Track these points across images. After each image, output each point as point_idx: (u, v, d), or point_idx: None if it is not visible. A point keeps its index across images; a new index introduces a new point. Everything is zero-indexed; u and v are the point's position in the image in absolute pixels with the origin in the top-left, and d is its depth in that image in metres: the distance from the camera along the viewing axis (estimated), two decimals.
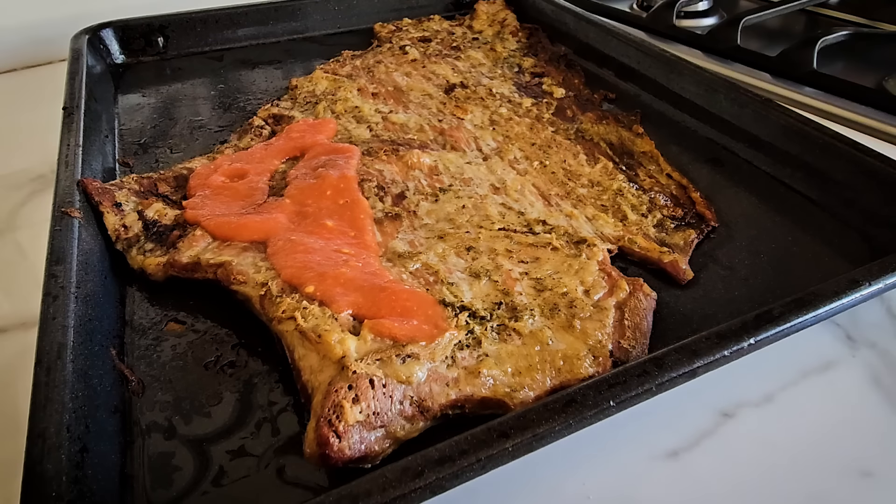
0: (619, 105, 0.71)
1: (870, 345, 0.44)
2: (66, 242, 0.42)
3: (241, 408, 0.37)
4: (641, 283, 0.44)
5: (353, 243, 0.45)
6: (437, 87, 0.71)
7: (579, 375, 0.37)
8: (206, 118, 0.68)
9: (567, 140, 0.62)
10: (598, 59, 0.79)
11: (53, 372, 0.33)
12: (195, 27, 0.82)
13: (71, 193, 0.47)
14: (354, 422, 0.33)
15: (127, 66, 0.78)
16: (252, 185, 0.51)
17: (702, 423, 0.39)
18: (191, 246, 0.46)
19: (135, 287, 0.46)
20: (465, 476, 0.29)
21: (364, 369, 0.35)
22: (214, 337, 0.42)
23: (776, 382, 0.41)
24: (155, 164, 0.60)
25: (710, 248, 0.50)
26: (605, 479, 0.36)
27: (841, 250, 0.49)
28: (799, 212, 0.53)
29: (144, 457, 0.35)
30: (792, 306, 0.38)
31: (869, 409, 0.40)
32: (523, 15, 0.90)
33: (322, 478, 0.34)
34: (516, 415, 0.32)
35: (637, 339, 0.41)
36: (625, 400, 0.33)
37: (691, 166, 0.59)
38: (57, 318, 0.36)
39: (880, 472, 0.36)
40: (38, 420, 0.31)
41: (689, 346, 0.35)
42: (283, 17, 0.86)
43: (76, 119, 0.56)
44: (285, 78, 0.76)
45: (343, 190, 0.49)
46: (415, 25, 0.89)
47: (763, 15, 0.90)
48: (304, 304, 0.39)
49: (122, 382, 0.38)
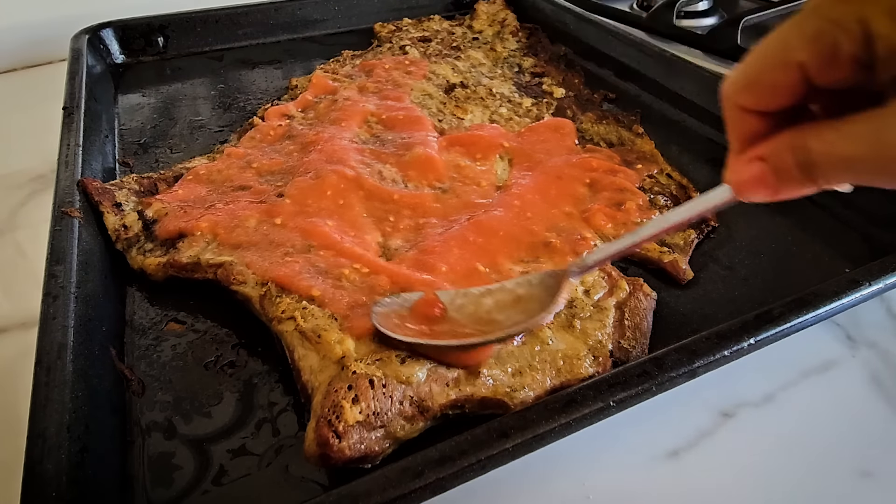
0: (619, 105, 0.71)
1: (870, 345, 0.44)
2: (66, 242, 0.42)
3: (242, 408, 0.37)
4: (641, 283, 0.44)
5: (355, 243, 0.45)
6: (437, 86, 0.71)
7: (579, 375, 0.37)
8: (206, 118, 0.68)
9: None
10: (598, 59, 0.79)
11: (53, 372, 0.33)
12: (195, 27, 0.82)
13: (71, 193, 0.47)
14: (354, 422, 0.33)
15: (127, 66, 0.78)
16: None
17: (702, 423, 0.39)
18: (191, 246, 0.46)
19: (135, 287, 0.46)
20: (465, 476, 0.29)
21: (364, 369, 0.35)
22: (214, 337, 0.42)
23: (776, 382, 0.41)
24: (155, 164, 0.60)
25: (710, 248, 0.50)
26: (605, 479, 0.36)
27: (841, 250, 0.49)
28: (799, 212, 0.53)
29: (144, 457, 0.35)
30: (792, 306, 0.38)
31: (869, 409, 0.40)
32: (523, 15, 0.90)
33: (322, 477, 0.34)
34: (516, 415, 0.32)
35: (637, 339, 0.41)
36: (625, 400, 0.33)
37: (691, 166, 0.59)
38: (57, 318, 0.36)
39: (880, 472, 0.36)
40: (38, 420, 0.31)
41: (689, 346, 0.35)
42: (283, 17, 0.86)
43: (76, 119, 0.56)
44: (285, 78, 0.76)
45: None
46: (415, 25, 0.89)
47: (763, 15, 0.89)
48: (304, 304, 0.40)
49: (122, 382, 0.38)
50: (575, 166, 0.55)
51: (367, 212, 0.49)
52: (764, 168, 0.26)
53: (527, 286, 0.38)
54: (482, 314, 0.37)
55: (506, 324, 0.36)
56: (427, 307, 0.38)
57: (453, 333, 0.36)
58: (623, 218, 0.50)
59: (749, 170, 0.26)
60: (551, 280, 0.37)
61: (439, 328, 0.37)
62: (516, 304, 0.38)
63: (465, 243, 0.45)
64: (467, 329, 0.36)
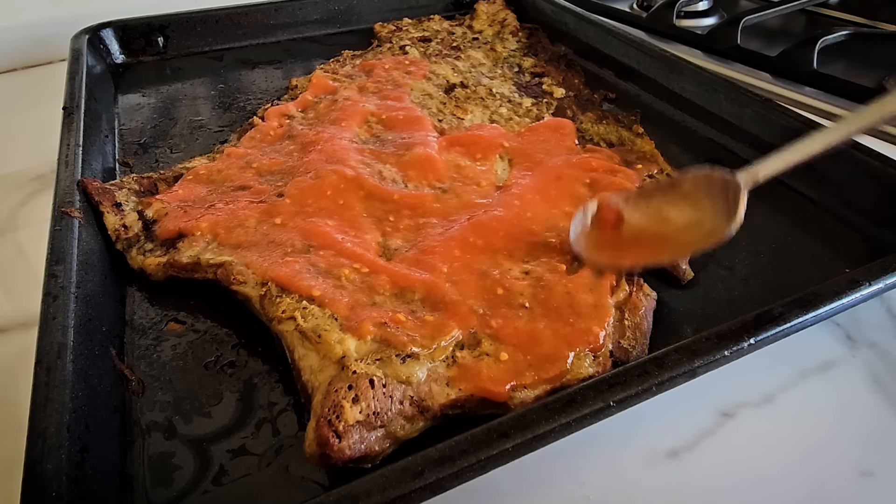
0: (619, 105, 0.71)
1: (870, 345, 0.44)
2: (66, 242, 0.42)
3: (242, 408, 0.37)
4: (641, 283, 0.44)
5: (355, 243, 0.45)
6: (437, 86, 0.71)
7: (579, 375, 0.37)
8: (206, 118, 0.68)
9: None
10: (598, 59, 0.79)
11: (53, 372, 0.33)
12: (195, 27, 0.82)
13: (71, 193, 0.47)
14: (354, 422, 0.33)
15: (127, 66, 0.78)
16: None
17: (702, 423, 0.39)
18: (191, 246, 0.46)
19: (135, 287, 0.46)
20: (465, 476, 0.29)
21: (364, 369, 0.35)
22: (214, 337, 0.42)
23: (776, 382, 0.41)
24: (155, 164, 0.60)
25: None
26: (605, 479, 0.36)
27: (841, 250, 0.49)
28: (799, 212, 0.53)
29: (144, 456, 0.35)
30: (792, 306, 0.38)
31: (869, 409, 0.40)
32: (523, 15, 0.90)
33: (322, 477, 0.34)
34: (516, 415, 0.32)
35: (637, 339, 0.41)
36: (625, 400, 0.33)
37: (691, 166, 0.59)
38: (57, 318, 0.36)
39: (880, 472, 0.36)
40: (38, 420, 0.31)
41: (689, 346, 0.35)
42: (283, 17, 0.86)
43: (76, 119, 0.56)
44: (285, 78, 0.76)
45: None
46: (415, 25, 0.89)
47: (763, 15, 0.90)
48: (304, 303, 0.40)
49: (122, 382, 0.38)
50: (575, 166, 0.55)
51: (367, 212, 0.49)
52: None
53: (691, 183, 0.41)
54: (653, 212, 0.40)
55: (681, 221, 0.39)
56: (607, 213, 0.41)
57: (638, 241, 0.40)
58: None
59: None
60: (717, 185, 0.39)
61: (623, 234, 0.41)
62: (685, 200, 0.40)
63: (465, 243, 0.45)
64: (648, 232, 0.40)
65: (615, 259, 0.41)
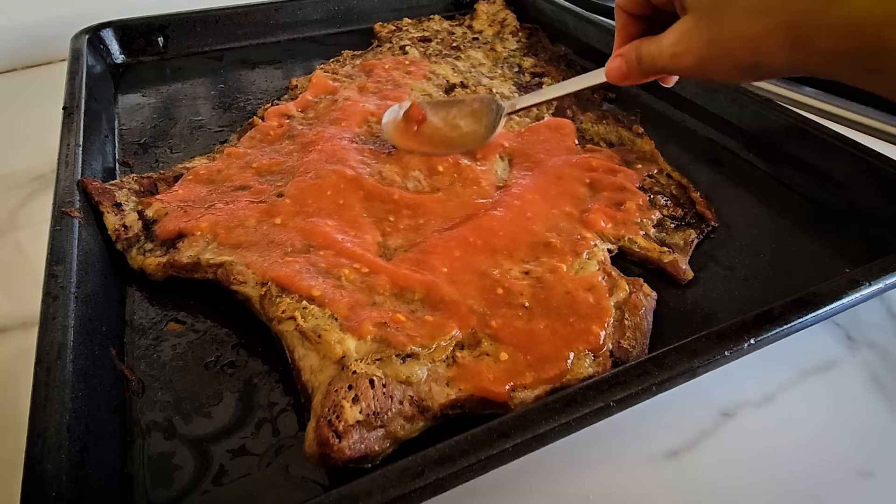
0: (619, 105, 0.71)
1: (870, 345, 0.44)
2: (66, 242, 0.42)
3: (242, 408, 0.37)
4: (641, 283, 0.44)
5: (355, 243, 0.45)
6: (437, 86, 0.71)
7: (579, 375, 0.37)
8: (206, 118, 0.68)
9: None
10: (598, 59, 0.78)
11: (53, 372, 0.33)
12: (195, 27, 0.82)
13: (71, 193, 0.47)
14: (354, 422, 0.33)
15: (127, 66, 0.78)
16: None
17: (702, 423, 0.39)
18: (191, 246, 0.46)
19: (135, 287, 0.46)
20: (465, 476, 0.29)
21: (364, 369, 0.35)
22: (214, 337, 0.42)
23: (776, 382, 0.41)
24: (155, 164, 0.60)
25: (710, 248, 0.50)
26: (605, 479, 0.36)
27: (841, 250, 0.49)
28: (799, 212, 0.53)
29: (144, 456, 0.35)
30: (792, 306, 0.38)
31: (869, 409, 0.40)
32: (523, 15, 0.90)
33: (322, 477, 0.34)
34: (516, 415, 0.32)
35: (637, 339, 0.41)
36: (625, 400, 0.33)
37: (691, 166, 0.59)
38: (57, 318, 0.36)
39: (880, 472, 0.36)
40: (38, 420, 0.31)
41: (689, 346, 0.35)
42: (283, 17, 0.86)
43: (76, 119, 0.56)
44: (285, 78, 0.76)
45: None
46: (415, 25, 0.89)
47: None
48: (304, 303, 0.40)
49: (122, 382, 0.38)
50: (575, 166, 0.55)
51: (367, 212, 0.49)
52: (620, 62, 0.41)
53: (479, 103, 0.55)
54: (450, 119, 0.55)
55: (464, 129, 0.54)
56: (415, 112, 0.55)
57: (431, 138, 0.54)
58: (623, 218, 0.50)
59: (613, 62, 0.42)
60: (493, 108, 0.54)
61: (423, 130, 0.55)
62: (472, 115, 0.55)
63: (465, 243, 0.45)
64: (441, 132, 0.54)
65: (413, 146, 0.54)
